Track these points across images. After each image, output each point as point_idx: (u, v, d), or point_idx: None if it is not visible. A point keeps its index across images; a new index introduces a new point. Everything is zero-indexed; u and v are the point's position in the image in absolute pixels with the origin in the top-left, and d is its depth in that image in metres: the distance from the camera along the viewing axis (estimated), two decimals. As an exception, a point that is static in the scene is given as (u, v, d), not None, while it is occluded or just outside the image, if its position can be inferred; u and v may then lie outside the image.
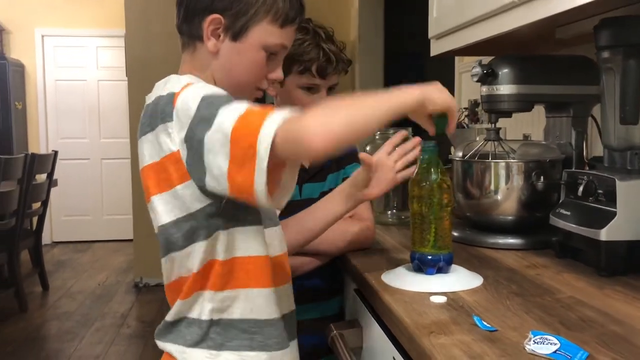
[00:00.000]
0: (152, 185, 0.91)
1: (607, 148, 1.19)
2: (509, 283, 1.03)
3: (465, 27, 1.46)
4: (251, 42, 0.97)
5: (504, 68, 1.32)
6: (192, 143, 0.84)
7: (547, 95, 1.37)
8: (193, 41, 0.99)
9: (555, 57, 1.51)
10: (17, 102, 5.75)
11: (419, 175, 1.04)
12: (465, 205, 1.39)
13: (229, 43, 0.97)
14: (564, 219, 1.16)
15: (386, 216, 1.65)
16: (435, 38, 1.69)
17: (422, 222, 1.03)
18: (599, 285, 1.01)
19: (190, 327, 0.93)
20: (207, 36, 0.96)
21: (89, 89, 6.14)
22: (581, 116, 1.39)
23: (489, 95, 1.35)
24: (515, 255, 1.23)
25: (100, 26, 5.99)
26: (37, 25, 5.96)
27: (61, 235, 6.14)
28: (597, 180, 1.11)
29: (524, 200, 1.29)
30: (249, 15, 0.95)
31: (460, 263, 1.10)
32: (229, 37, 0.96)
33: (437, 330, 0.81)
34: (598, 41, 1.12)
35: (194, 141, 0.83)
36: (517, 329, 0.81)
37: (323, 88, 1.36)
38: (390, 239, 1.43)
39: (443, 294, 0.96)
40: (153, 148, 0.90)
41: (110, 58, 6.06)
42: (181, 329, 0.94)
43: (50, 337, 3.56)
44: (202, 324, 0.92)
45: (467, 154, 1.37)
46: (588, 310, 0.88)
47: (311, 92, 1.35)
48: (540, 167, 1.28)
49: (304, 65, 1.32)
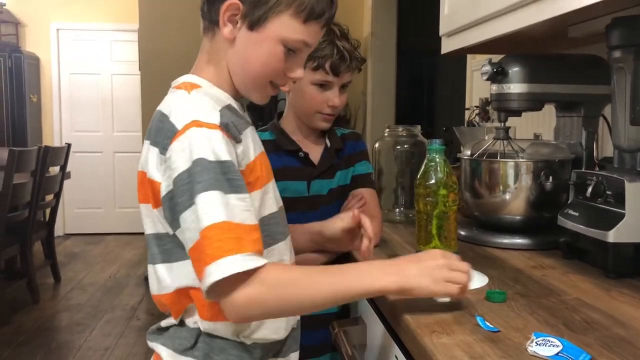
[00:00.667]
0: (139, 191, 0.89)
1: (617, 149, 1.18)
2: (514, 283, 1.02)
3: (476, 24, 1.45)
4: (269, 34, 0.90)
5: (514, 67, 1.31)
6: (172, 202, 0.82)
7: (558, 95, 1.35)
8: (212, 26, 0.93)
9: (566, 56, 1.49)
10: (32, 95, 5.80)
11: (425, 174, 1.03)
12: (472, 204, 1.38)
13: (246, 32, 0.90)
14: (572, 219, 1.15)
15: (394, 214, 1.65)
16: (446, 35, 1.67)
17: (427, 220, 1.03)
18: (606, 287, 1.00)
19: (180, 333, 0.91)
20: (223, 22, 0.90)
21: (102, 82, 6.18)
22: (592, 116, 1.38)
23: (499, 94, 1.34)
24: (522, 256, 1.22)
25: (114, 20, 6.03)
26: (52, 19, 6.01)
27: (73, 227, 6.19)
28: (606, 181, 1.10)
29: (532, 200, 1.28)
30: (269, 4, 0.88)
31: (466, 262, 1.10)
32: (246, 25, 0.90)
33: (440, 330, 0.81)
34: (609, 41, 1.11)
35: (173, 202, 0.81)
36: (520, 330, 0.80)
37: (336, 85, 1.35)
38: (397, 237, 1.43)
39: (447, 293, 0.95)
40: (147, 159, 0.87)
41: (124, 52, 6.10)
42: (171, 333, 0.92)
43: (61, 328, 3.60)
44: (191, 332, 0.90)
45: (476, 152, 1.36)
46: (593, 313, 0.87)
47: (324, 89, 1.35)
48: (549, 167, 1.27)
49: (317, 62, 1.31)
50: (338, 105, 1.36)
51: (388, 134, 1.67)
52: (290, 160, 1.36)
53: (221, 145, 0.81)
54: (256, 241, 0.80)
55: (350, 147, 1.43)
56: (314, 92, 1.34)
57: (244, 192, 0.81)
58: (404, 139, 1.65)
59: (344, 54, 1.32)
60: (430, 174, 1.03)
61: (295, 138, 1.39)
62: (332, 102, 1.35)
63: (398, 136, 1.65)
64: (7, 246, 3.62)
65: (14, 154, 3.46)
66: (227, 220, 0.77)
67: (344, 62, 1.33)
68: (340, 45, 1.32)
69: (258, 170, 0.91)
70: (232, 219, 0.78)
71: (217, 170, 0.79)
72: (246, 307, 0.79)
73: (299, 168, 1.36)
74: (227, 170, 0.80)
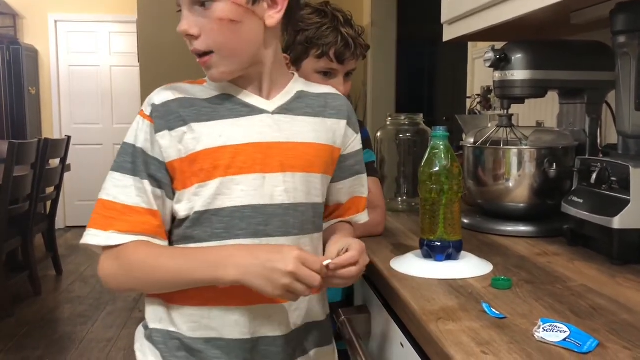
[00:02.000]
0: None
1: (621, 135, 1.17)
2: (519, 270, 1.02)
3: (478, 11, 1.44)
4: None
5: (517, 53, 1.30)
6: None
7: (561, 81, 1.34)
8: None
9: (570, 43, 1.48)
10: (31, 88, 5.78)
11: (429, 161, 1.03)
12: (476, 192, 1.38)
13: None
14: (576, 206, 1.15)
15: (396, 203, 1.65)
16: (447, 23, 1.66)
17: (431, 208, 1.02)
18: (611, 273, 1.00)
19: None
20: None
21: (101, 74, 6.16)
22: (595, 103, 1.37)
23: (502, 81, 1.33)
24: (526, 243, 1.22)
25: (113, 12, 5.99)
26: (50, 11, 5.97)
27: (74, 220, 6.19)
28: (610, 168, 1.09)
29: (535, 188, 1.28)
30: None
31: (470, 250, 1.10)
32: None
33: (445, 317, 0.80)
34: (614, 26, 1.10)
35: None
36: (526, 316, 0.80)
37: (340, 73, 1.33)
38: (400, 226, 1.42)
39: (452, 281, 0.95)
40: None
41: (123, 44, 6.07)
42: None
43: (63, 320, 3.60)
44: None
45: (479, 140, 1.35)
46: (599, 299, 0.87)
47: (328, 77, 1.32)
48: (553, 154, 1.27)
49: (321, 49, 1.29)
50: (343, 93, 1.34)
51: (390, 123, 1.67)
52: None
53: (140, 134, 0.92)
54: (134, 222, 0.90)
55: None
56: (319, 80, 1.31)
57: (143, 177, 0.91)
58: (406, 127, 1.64)
59: (349, 40, 1.30)
60: (434, 162, 1.02)
61: None
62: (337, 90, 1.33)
63: (400, 125, 1.65)
64: (8, 239, 3.62)
65: (13, 146, 3.45)
66: (110, 200, 0.91)
67: (349, 49, 1.30)
68: (345, 32, 1.29)
69: (223, 159, 0.91)
70: (116, 199, 0.91)
71: (130, 153, 0.92)
72: (105, 277, 0.93)
73: None
74: (137, 155, 0.91)
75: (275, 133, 0.95)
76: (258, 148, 0.93)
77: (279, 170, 0.94)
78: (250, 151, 0.93)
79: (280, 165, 0.94)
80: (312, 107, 1.01)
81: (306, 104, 1.01)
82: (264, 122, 0.95)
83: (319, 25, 1.28)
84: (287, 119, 0.97)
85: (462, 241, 1.04)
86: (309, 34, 1.28)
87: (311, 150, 0.98)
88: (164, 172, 0.92)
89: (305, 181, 0.96)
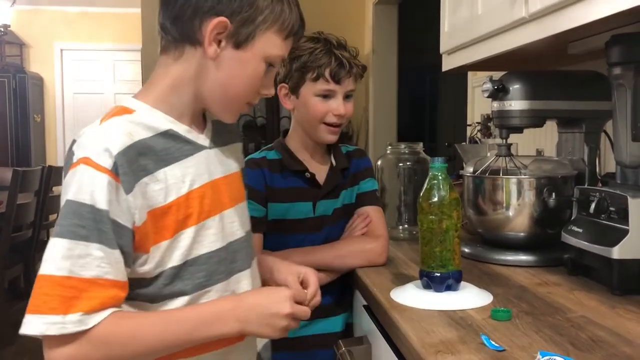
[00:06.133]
0: None
1: (619, 165, 1.18)
2: (519, 301, 1.02)
3: (476, 42, 1.46)
4: (255, 52, 0.88)
5: (515, 83, 1.31)
6: None
7: (559, 111, 1.36)
8: (182, 44, 0.88)
9: (567, 73, 1.50)
10: (36, 115, 5.84)
11: (428, 192, 1.03)
12: (476, 221, 1.38)
13: (231, 51, 0.87)
14: (576, 236, 1.15)
15: (398, 231, 1.65)
16: (446, 53, 1.69)
17: (430, 238, 1.02)
18: (611, 304, 1.00)
19: None
20: (209, 41, 0.86)
21: (106, 102, 6.21)
22: (594, 132, 1.38)
23: (500, 111, 1.35)
24: (526, 273, 1.21)
25: (118, 41, 6.08)
26: (56, 40, 6.06)
27: (77, 246, 6.18)
28: (609, 197, 1.10)
29: (535, 217, 1.28)
30: (257, 22, 0.87)
31: (470, 280, 1.10)
32: (231, 44, 0.87)
33: (444, 350, 0.80)
34: (609, 57, 1.12)
35: None
36: (525, 349, 0.80)
37: (339, 94, 1.33)
38: (401, 255, 1.42)
39: (452, 312, 0.95)
40: None
41: (127, 71, 6.15)
42: None
43: (64, 348, 3.57)
44: None
45: (478, 169, 1.36)
46: (599, 330, 0.87)
47: (327, 99, 1.32)
48: (552, 184, 1.27)
49: (317, 71, 1.30)
50: (343, 113, 1.32)
51: (390, 151, 1.68)
52: (296, 181, 1.35)
53: (102, 192, 0.77)
54: (101, 298, 0.77)
55: (355, 165, 1.42)
56: (318, 103, 1.32)
57: (112, 246, 0.78)
58: (406, 156, 1.65)
59: (342, 60, 1.31)
60: (433, 192, 1.03)
61: (301, 157, 1.37)
62: (337, 111, 1.31)
63: (400, 153, 1.66)
64: (10, 266, 3.61)
65: (17, 174, 3.47)
66: (65, 275, 0.75)
67: (344, 68, 1.31)
68: (338, 53, 1.31)
69: (194, 205, 0.87)
70: (74, 273, 0.76)
71: (85, 216, 0.77)
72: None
73: (305, 189, 1.35)
74: (99, 219, 0.77)
75: (218, 168, 0.94)
76: (213, 187, 0.91)
77: (230, 206, 0.94)
78: (209, 192, 0.90)
79: (230, 200, 0.94)
80: (224, 133, 1.00)
81: (219, 131, 0.98)
82: (209, 159, 0.93)
83: (312, 49, 1.30)
84: (219, 151, 0.96)
85: (461, 271, 1.04)
86: (303, 59, 1.30)
87: (238, 178, 1.00)
88: (129, 239, 0.81)
89: (243, 210, 0.99)
